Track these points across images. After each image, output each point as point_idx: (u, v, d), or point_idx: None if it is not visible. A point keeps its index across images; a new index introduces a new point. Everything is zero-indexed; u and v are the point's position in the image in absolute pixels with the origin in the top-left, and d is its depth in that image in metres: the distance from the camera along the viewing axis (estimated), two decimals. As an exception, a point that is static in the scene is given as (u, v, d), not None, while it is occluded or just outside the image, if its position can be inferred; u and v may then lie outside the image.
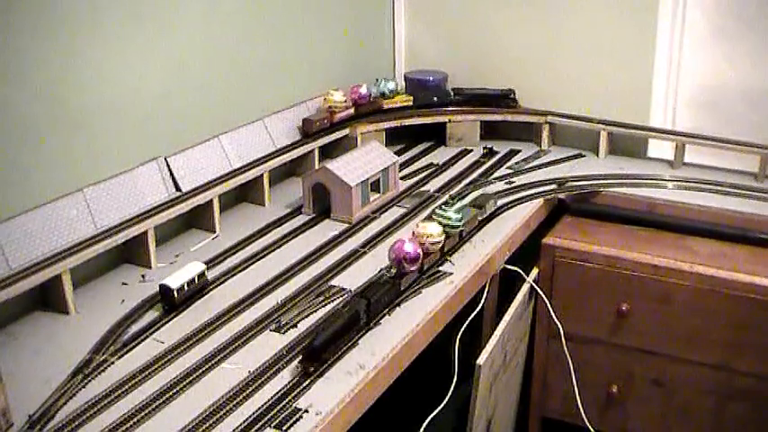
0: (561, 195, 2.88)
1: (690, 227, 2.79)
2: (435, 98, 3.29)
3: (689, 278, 2.61)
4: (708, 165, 3.10)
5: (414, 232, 2.25)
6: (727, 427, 2.72)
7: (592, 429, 2.85)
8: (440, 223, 2.30)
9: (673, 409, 2.77)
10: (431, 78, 3.38)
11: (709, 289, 2.59)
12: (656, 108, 3.21)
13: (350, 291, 2.17)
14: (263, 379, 1.80)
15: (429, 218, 2.42)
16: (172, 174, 2.43)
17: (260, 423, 1.66)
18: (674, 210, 2.83)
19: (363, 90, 3.12)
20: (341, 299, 2.13)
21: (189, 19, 2.49)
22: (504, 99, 3.33)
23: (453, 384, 2.36)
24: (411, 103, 3.26)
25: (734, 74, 3.13)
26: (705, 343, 2.65)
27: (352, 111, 3.09)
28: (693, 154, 3.11)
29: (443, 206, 2.41)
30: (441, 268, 2.30)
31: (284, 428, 1.64)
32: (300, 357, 1.83)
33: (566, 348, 2.80)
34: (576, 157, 3.21)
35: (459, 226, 2.37)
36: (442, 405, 2.36)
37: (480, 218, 2.53)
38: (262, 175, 2.67)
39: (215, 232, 2.50)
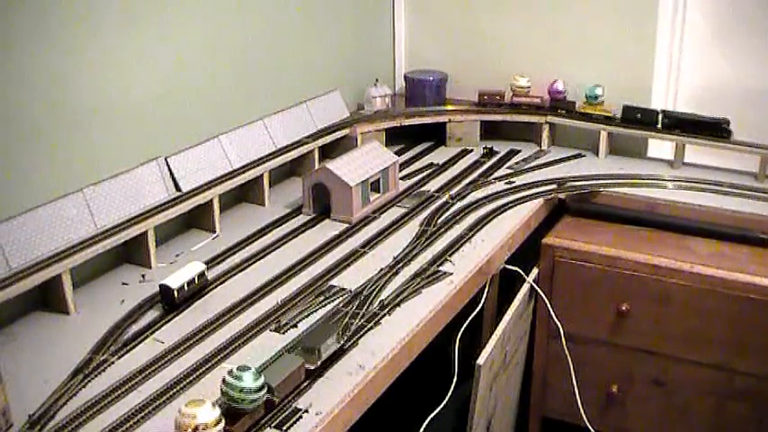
0: (561, 195, 2.88)
1: (690, 227, 2.79)
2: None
3: (689, 278, 2.61)
4: (708, 165, 3.10)
5: (176, 420, 1.54)
6: (726, 427, 2.71)
7: (592, 429, 2.85)
8: (228, 399, 1.60)
9: (673, 408, 2.77)
10: (431, 78, 3.38)
11: (709, 289, 2.59)
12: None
13: (350, 291, 2.17)
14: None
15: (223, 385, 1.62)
16: (172, 174, 2.43)
17: (260, 423, 1.65)
18: (673, 210, 2.83)
19: (560, 86, 3.22)
20: (341, 299, 2.13)
21: (189, 19, 2.49)
22: (717, 128, 3.01)
23: (453, 384, 2.36)
24: (610, 115, 3.17)
25: (734, 74, 3.13)
26: (705, 343, 2.65)
27: (539, 101, 3.25)
28: (693, 154, 3.11)
29: (237, 371, 1.61)
30: (441, 268, 2.30)
31: (284, 428, 1.64)
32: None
33: (566, 348, 2.80)
34: (575, 156, 3.21)
35: (258, 399, 1.62)
36: (441, 405, 2.36)
37: (313, 366, 1.80)
38: (262, 175, 2.68)
39: (215, 232, 2.51)
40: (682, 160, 3.09)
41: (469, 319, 2.42)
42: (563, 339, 2.80)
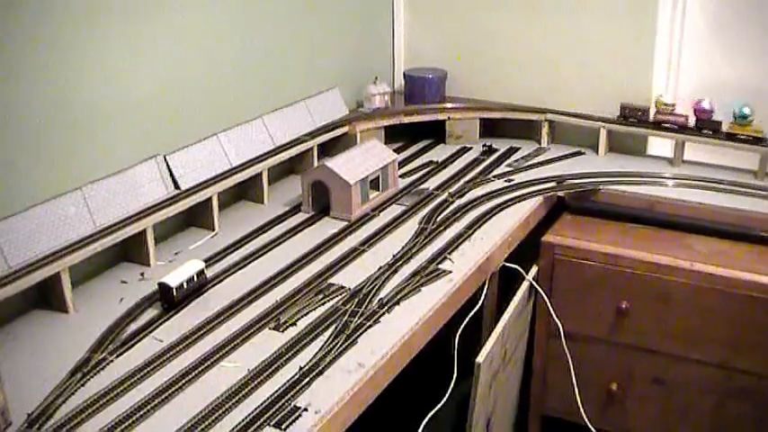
0: (561, 193, 2.88)
1: (690, 225, 2.79)
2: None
3: (689, 276, 2.61)
4: (708, 162, 3.10)
5: None
6: (726, 426, 2.71)
7: (591, 427, 2.85)
8: None
9: (673, 407, 2.77)
10: (430, 76, 3.37)
11: (709, 287, 2.59)
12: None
13: (349, 289, 2.17)
14: (262, 377, 1.80)
15: None
16: (171, 172, 2.43)
17: (259, 421, 1.65)
18: (673, 208, 2.82)
19: (705, 105, 3.01)
20: (340, 297, 2.13)
21: (188, 17, 2.48)
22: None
23: (453, 382, 2.36)
24: (761, 135, 2.95)
25: (733, 72, 3.13)
26: (705, 341, 2.65)
27: (684, 120, 3.04)
28: (693, 152, 3.10)
29: None
30: (440, 266, 2.29)
31: (283, 427, 1.64)
32: None
33: (565, 346, 2.80)
34: (575, 154, 3.21)
35: None
36: (441, 403, 2.36)
37: None
38: (261, 173, 2.67)
39: (214, 230, 2.50)
40: (681, 158, 3.09)
41: (469, 317, 2.41)
42: (563, 337, 2.80)
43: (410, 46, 3.58)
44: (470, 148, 3.26)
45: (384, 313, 2.05)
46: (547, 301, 2.79)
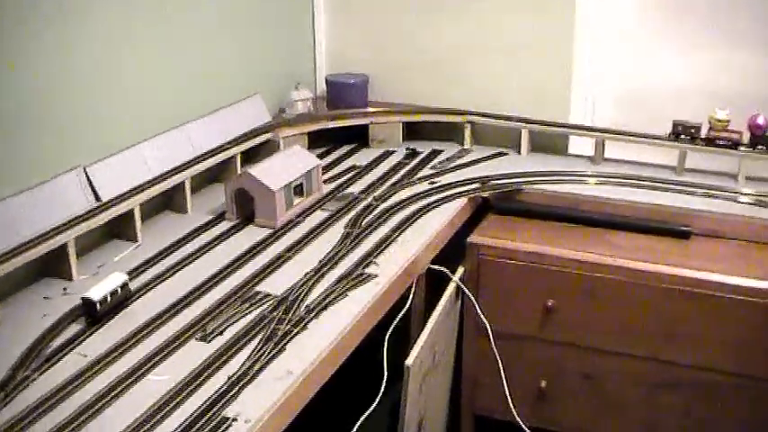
0: (485, 194, 2.90)
1: (612, 221, 2.83)
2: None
3: (613, 272, 2.65)
4: (628, 160, 3.15)
5: None
6: (656, 417, 2.76)
7: (523, 425, 2.87)
8: None
9: (603, 401, 2.80)
10: (352, 81, 3.37)
11: (633, 282, 2.63)
12: (577, 105, 3.25)
13: (276, 296, 2.15)
14: (190, 389, 1.78)
15: None
16: (91, 183, 2.39)
17: (186, 439, 1.64)
18: (596, 205, 2.86)
19: (761, 120, 2.90)
20: (267, 305, 2.11)
21: (107, 25, 2.44)
22: None
23: (383, 386, 2.36)
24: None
25: (655, 69, 3.19)
26: (632, 335, 2.68)
27: (738, 137, 2.94)
28: (614, 149, 3.15)
29: None
30: (366, 270, 2.29)
31: (213, 438, 1.63)
32: None
33: (494, 346, 2.82)
34: (498, 155, 3.24)
35: None
36: (372, 407, 2.35)
37: None
38: (183, 182, 2.64)
39: (137, 241, 2.47)
40: (603, 156, 3.13)
41: (397, 320, 2.42)
42: (491, 337, 2.81)
43: (332, 51, 3.58)
44: (394, 152, 3.27)
45: (312, 319, 2.04)
46: (474, 301, 2.80)
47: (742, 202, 2.84)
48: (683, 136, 3.02)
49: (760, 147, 2.93)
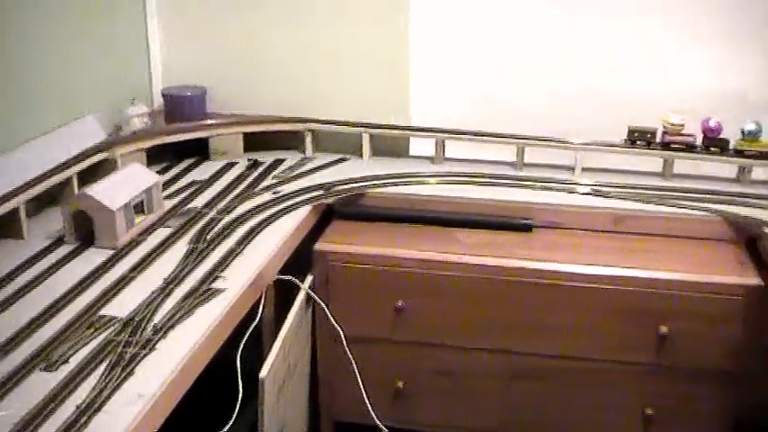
0: (328, 200, 2.90)
1: (455, 219, 2.89)
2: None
3: (458, 269, 2.70)
4: (468, 158, 3.21)
5: None
6: (513, 406, 2.84)
7: (382, 427, 2.89)
8: None
9: (460, 395, 2.85)
10: (189, 93, 3.33)
11: (479, 277, 2.69)
12: (416, 107, 3.29)
13: (121, 319, 2.10)
14: (37, 421, 1.71)
15: None
16: None
17: (40, 468, 1.58)
18: (438, 204, 2.91)
19: (712, 123, 2.97)
20: (113, 328, 2.06)
21: None
22: None
23: (240, 400, 2.34)
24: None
25: (497, 69, 3.26)
26: (483, 329, 2.74)
27: (692, 139, 3.01)
28: (455, 149, 3.21)
29: None
30: (213, 285, 2.26)
31: (62, 471, 1.58)
32: None
33: (348, 350, 2.83)
34: (340, 161, 3.26)
35: None
36: (230, 424, 2.33)
37: None
38: (18, 207, 2.55)
39: (-29, 273, 2.37)
40: (443, 156, 3.19)
41: (248, 333, 2.40)
42: (344, 342, 2.82)
43: (167, 65, 3.52)
44: (236, 163, 3.25)
45: (159, 339, 2.00)
46: (325, 308, 2.81)
47: (580, 193, 2.94)
48: (639, 141, 3.07)
49: (714, 148, 3.02)
